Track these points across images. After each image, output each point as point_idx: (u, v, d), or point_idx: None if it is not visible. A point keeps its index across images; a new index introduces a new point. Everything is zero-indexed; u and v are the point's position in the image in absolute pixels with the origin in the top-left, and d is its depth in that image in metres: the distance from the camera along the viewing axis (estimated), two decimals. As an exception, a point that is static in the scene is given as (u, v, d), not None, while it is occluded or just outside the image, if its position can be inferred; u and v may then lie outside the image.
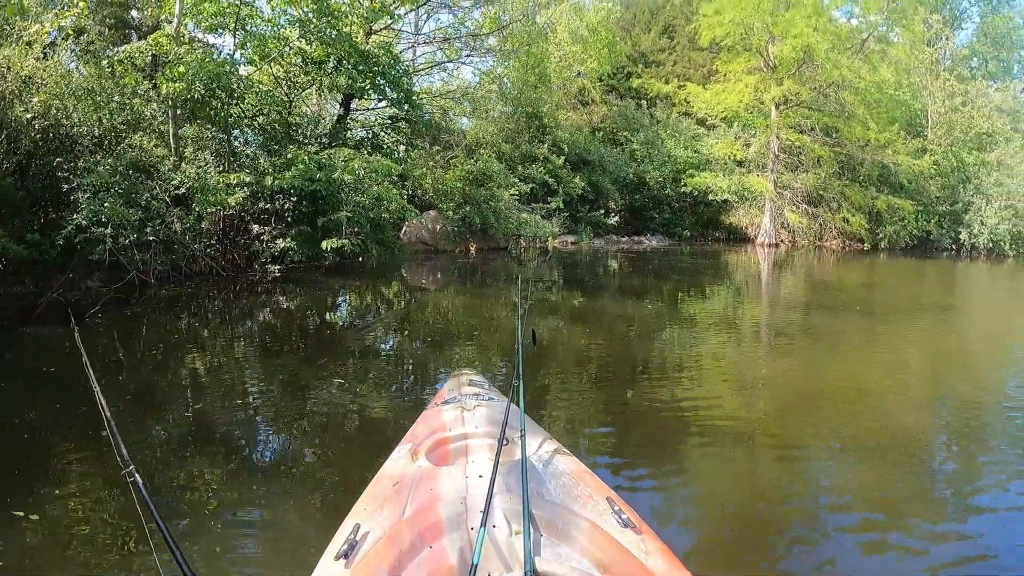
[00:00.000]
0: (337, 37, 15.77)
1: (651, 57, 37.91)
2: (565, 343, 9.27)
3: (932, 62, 41.98)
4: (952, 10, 54.69)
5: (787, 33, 29.33)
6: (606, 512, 2.51)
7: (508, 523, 2.36)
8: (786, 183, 32.22)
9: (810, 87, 31.34)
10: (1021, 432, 5.86)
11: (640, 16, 39.16)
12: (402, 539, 2.32)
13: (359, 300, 12.77)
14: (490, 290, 14.51)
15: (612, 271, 19.36)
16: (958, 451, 5.46)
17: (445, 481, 2.72)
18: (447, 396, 4.02)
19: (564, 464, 2.96)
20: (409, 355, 8.36)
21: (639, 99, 34.50)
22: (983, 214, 35.99)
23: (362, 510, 2.65)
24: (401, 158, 19.34)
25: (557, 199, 25.02)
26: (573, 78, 32.34)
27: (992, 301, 18.49)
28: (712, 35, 30.99)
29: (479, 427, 3.38)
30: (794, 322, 11.65)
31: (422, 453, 3.14)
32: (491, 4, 23.85)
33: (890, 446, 5.36)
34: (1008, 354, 10.15)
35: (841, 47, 30.09)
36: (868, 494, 4.50)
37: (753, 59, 32.24)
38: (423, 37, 26.19)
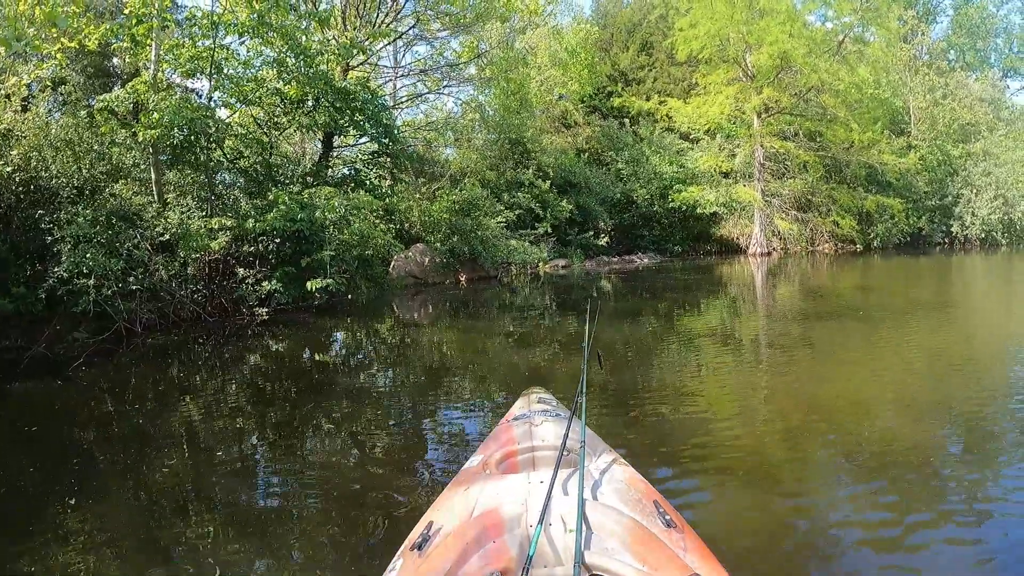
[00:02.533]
0: (314, 75, 15.74)
1: (631, 75, 38.26)
2: (566, 368, 9.18)
3: (910, 58, 42.38)
4: (926, 4, 55.22)
5: (763, 41, 29.63)
6: (652, 514, 2.77)
7: (563, 522, 2.60)
8: (774, 191, 32.43)
9: (790, 93, 31.64)
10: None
11: (618, 35, 39.54)
12: (468, 534, 2.60)
13: (350, 339, 12.62)
14: (483, 321, 14.40)
15: (606, 292, 19.26)
16: (968, 457, 5.39)
17: (510, 486, 2.96)
18: (517, 412, 4.29)
19: (618, 471, 3.19)
20: (404, 394, 8.22)
21: (621, 118, 34.83)
22: (973, 205, 36.48)
23: (436, 510, 3.01)
24: (385, 193, 19.34)
25: (545, 224, 25.05)
26: (555, 101, 32.54)
27: (991, 293, 18.63)
28: (689, 49, 31.33)
29: (545, 440, 3.67)
30: (791, 334, 11.56)
31: (492, 463, 3.45)
32: (468, 33, 23.96)
33: (898, 457, 5.32)
34: (1012, 349, 10.11)
35: (818, 51, 30.34)
36: (879, 507, 4.49)
37: (731, 70, 32.55)
38: (402, 70, 26.31)
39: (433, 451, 6.06)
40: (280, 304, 13.88)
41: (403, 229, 20.35)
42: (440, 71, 24.20)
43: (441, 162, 25.13)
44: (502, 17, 23.12)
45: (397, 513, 4.62)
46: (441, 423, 6.89)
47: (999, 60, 61.07)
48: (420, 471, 5.51)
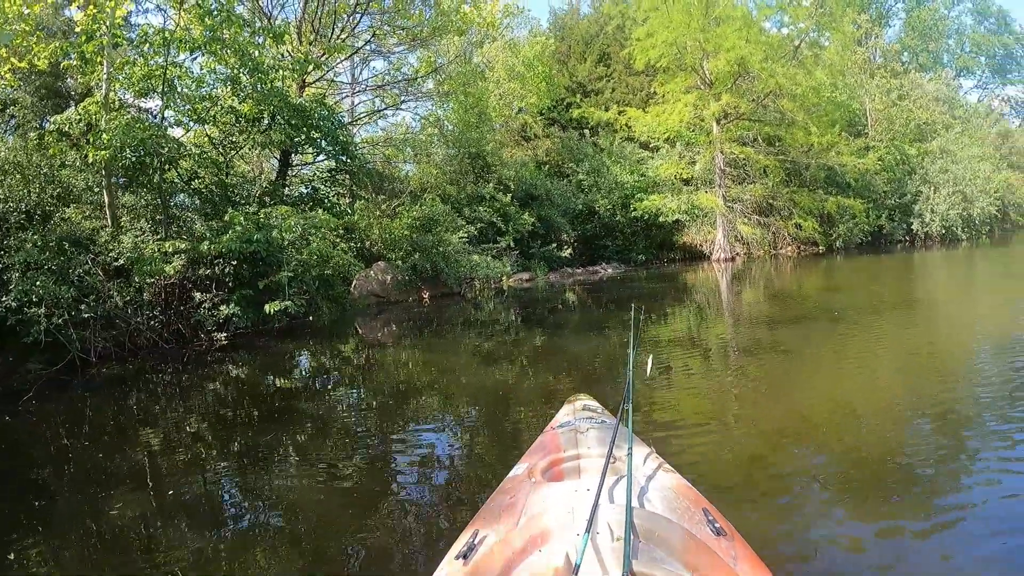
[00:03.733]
0: (268, 92, 15.55)
1: (589, 86, 38.46)
2: (531, 384, 9.15)
3: (865, 61, 43.36)
4: (878, 8, 56.64)
5: (720, 48, 29.96)
6: (701, 522, 2.77)
7: (610, 530, 2.55)
8: (735, 196, 32.75)
9: (748, 99, 32.03)
10: (999, 426, 6.03)
11: (575, 47, 39.74)
12: (514, 543, 2.61)
13: (313, 362, 12.42)
14: (448, 339, 14.27)
15: (571, 304, 19.29)
16: (942, 453, 5.54)
17: (556, 494, 2.97)
18: (562, 420, 4.34)
19: (666, 479, 3.23)
20: (371, 417, 8.08)
21: (581, 129, 35.01)
22: (933, 202, 37.37)
23: (481, 519, 3.01)
24: (344, 211, 19.18)
25: (507, 237, 24.96)
26: (514, 115, 32.52)
27: (956, 289, 19.09)
28: (647, 58, 31.58)
29: (591, 447, 3.68)
30: (760, 339, 11.61)
31: (538, 471, 3.45)
32: (425, 48, 23.90)
33: (876, 462, 5.42)
34: (978, 344, 10.36)
35: (775, 56, 30.75)
36: (861, 515, 4.51)
37: (689, 78, 32.82)
38: (360, 86, 26.16)
39: (404, 475, 5.97)
40: (239, 328, 13.65)
41: (364, 247, 20.17)
42: (398, 86, 24.07)
43: (401, 178, 24.96)
44: (459, 31, 23.05)
45: (370, 543, 4.55)
46: (412, 446, 6.80)
47: (952, 60, 63.19)
48: (391, 497, 5.41)
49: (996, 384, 7.44)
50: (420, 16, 21.93)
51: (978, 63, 66.21)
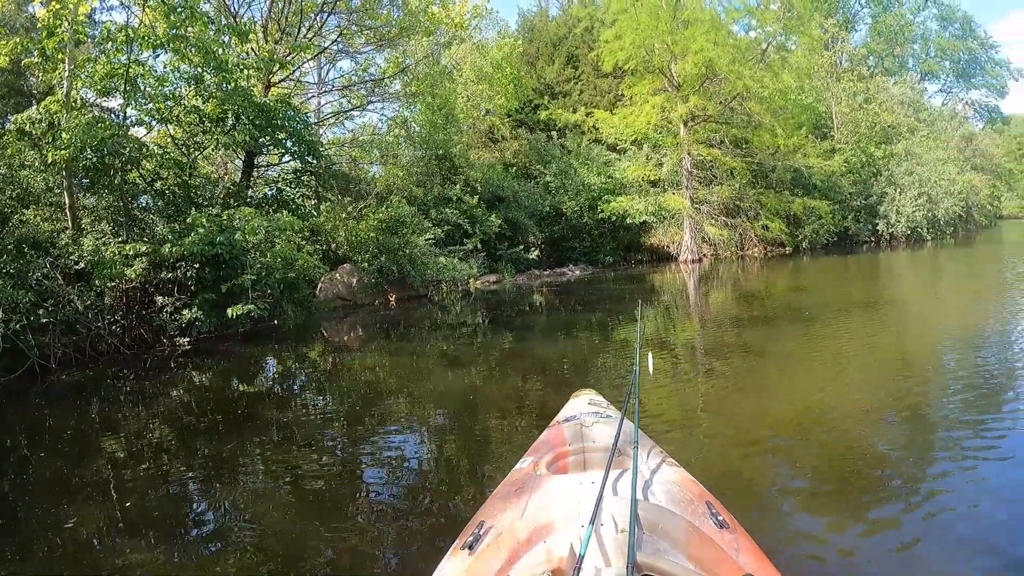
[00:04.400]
0: (233, 91, 15.40)
1: (557, 88, 38.54)
2: (500, 388, 9.18)
3: (831, 65, 43.88)
4: (845, 13, 57.70)
5: (688, 50, 30.18)
6: (704, 515, 2.82)
7: (615, 522, 2.60)
8: (702, 198, 32.96)
9: (716, 101, 32.23)
10: (965, 422, 6.28)
11: (543, 49, 39.78)
12: (519, 534, 2.66)
13: (278, 366, 12.31)
14: (415, 342, 14.26)
15: (538, 306, 19.34)
16: (912, 449, 5.77)
17: (561, 487, 3.03)
18: (568, 414, 4.38)
19: (671, 472, 3.27)
20: (337, 422, 8.02)
21: (549, 131, 35.07)
22: (898, 204, 38.05)
23: (487, 510, 3.06)
24: (309, 212, 19.06)
25: (474, 239, 24.95)
26: (482, 116, 32.48)
27: (920, 288, 19.53)
28: (615, 60, 31.71)
29: (596, 441, 3.78)
30: (729, 340, 11.79)
31: (543, 464, 3.52)
32: (393, 48, 23.80)
33: (846, 457, 5.58)
34: (944, 342, 10.76)
35: (742, 59, 31.00)
36: (832, 509, 4.58)
37: (657, 80, 33.01)
38: (326, 86, 25.99)
39: (373, 479, 5.99)
40: (202, 333, 13.51)
41: (330, 250, 20.04)
42: (364, 87, 23.94)
43: (367, 180, 24.82)
44: (427, 31, 23.01)
45: (337, 549, 4.52)
46: (381, 448, 6.84)
47: (917, 64, 64.71)
48: (361, 501, 5.40)
49: (963, 380, 7.75)
50: (388, 16, 21.84)
51: (943, 67, 68.19)
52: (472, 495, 5.16)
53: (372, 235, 19.66)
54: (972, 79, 70.62)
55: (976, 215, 49.16)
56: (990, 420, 6.24)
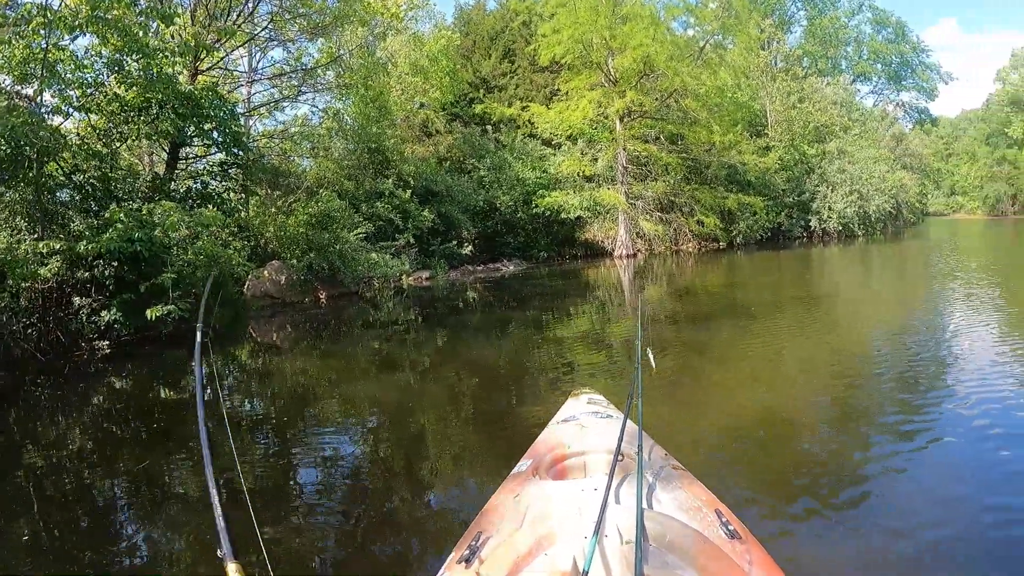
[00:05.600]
0: (156, 78, 14.86)
1: (493, 82, 38.47)
2: (433, 388, 9.02)
3: (767, 65, 44.83)
4: (781, 15, 59.20)
5: (626, 45, 30.43)
6: (714, 524, 2.70)
7: (620, 533, 2.48)
8: (637, 193, 33.25)
9: (653, 97, 32.43)
10: (896, 411, 6.74)
11: (480, 42, 39.65)
12: (519, 546, 2.52)
13: (205, 369, 11.89)
14: (345, 341, 14.07)
15: (473, 303, 19.25)
16: (849, 440, 6.09)
17: (561, 494, 2.89)
18: (566, 414, 4.27)
19: (677, 478, 3.16)
20: (267, 426, 7.83)
21: (483, 125, 35.05)
22: (830, 200, 39.02)
23: (484, 519, 2.94)
24: (234, 207, 18.60)
25: (406, 234, 24.72)
26: (416, 110, 32.21)
27: (852, 283, 20.26)
28: (552, 54, 31.85)
29: (597, 443, 3.60)
30: (665, 337, 11.81)
31: (542, 469, 3.40)
32: (327, 37, 23.35)
33: (782, 450, 5.89)
34: (875, 335, 11.29)
35: (680, 56, 31.34)
36: (769, 503, 4.76)
37: (594, 75, 33.15)
38: (257, 75, 25.40)
39: (304, 481, 5.91)
40: (123, 336, 13.02)
41: (258, 246, 19.62)
42: (296, 77, 23.48)
43: (297, 173, 24.35)
44: (362, 20, 22.63)
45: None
46: (313, 448, 6.79)
47: (850, 66, 67.32)
48: (291, 509, 5.26)
49: (894, 373, 8.32)
50: (323, 5, 21.38)
51: (875, 70, 71.19)
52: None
53: (301, 231, 19.28)
54: (903, 82, 73.79)
55: (905, 212, 50.56)
56: (918, 410, 6.63)
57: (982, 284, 16.74)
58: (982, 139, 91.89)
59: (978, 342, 9.74)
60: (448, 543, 2.84)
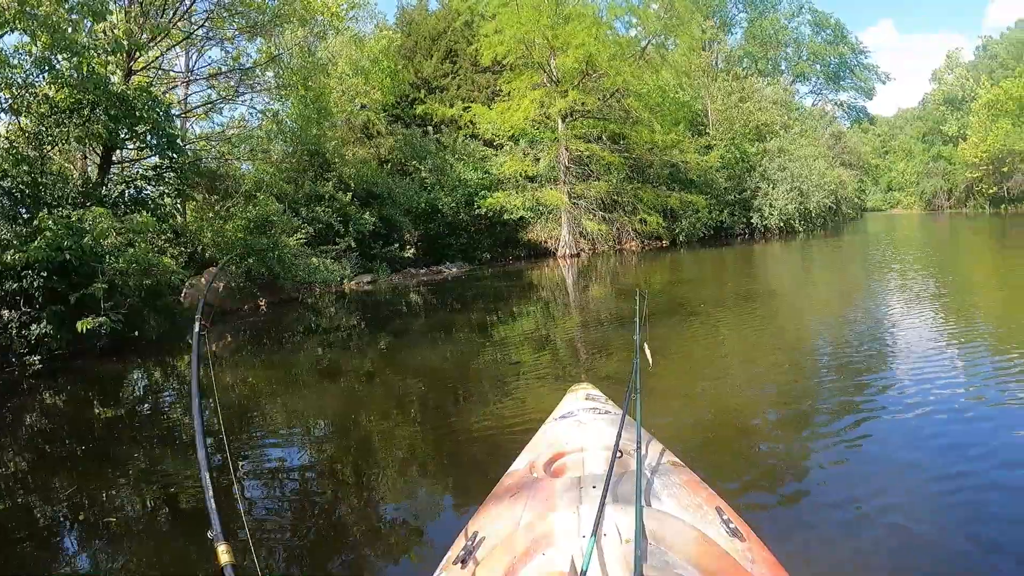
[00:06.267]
0: (88, 78, 14.44)
1: (435, 83, 38.39)
2: (376, 393, 8.90)
3: (708, 65, 45.72)
4: (723, 16, 60.59)
5: (569, 44, 30.61)
6: (715, 521, 2.67)
7: (618, 532, 2.43)
8: (580, 193, 33.49)
9: (595, 97, 32.59)
10: (838, 402, 7.16)
11: (422, 43, 39.49)
12: (516, 546, 2.48)
13: (142, 383, 11.68)
14: (287, 349, 13.84)
15: (417, 307, 19.17)
16: (793, 432, 6.40)
17: (559, 492, 2.87)
18: (565, 410, 4.24)
19: (677, 475, 3.13)
20: (209, 440, 7.60)
21: (425, 126, 34.94)
22: (771, 198, 39.86)
23: (480, 519, 2.90)
24: (169, 212, 18.21)
25: (347, 238, 24.48)
26: (357, 111, 31.91)
27: (793, 278, 20.85)
28: (494, 54, 31.93)
29: (595, 440, 3.57)
30: (609, 336, 11.81)
31: (539, 466, 3.37)
32: (266, 37, 22.93)
33: (729, 444, 6.11)
34: (816, 328, 11.82)
35: (622, 55, 31.59)
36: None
37: (536, 75, 33.34)
38: (194, 75, 24.84)
39: (253, 496, 5.76)
40: (55, 350, 12.56)
41: (196, 252, 19.24)
42: (235, 77, 23.04)
43: (235, 177, 23.94)
44: (301, 20, 22.27)
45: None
46: (259, 458, 6.72)
47: (789, 67, 69.29)
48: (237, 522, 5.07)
49: (834, 362, 8.92)
50: (264, 4, 20.97)
51: (814, 70, 73.89)
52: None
53: (240, 235, 18.90)
54: (842, 81, 76.46)
55: (844, 208, 52.11)
56: (857, 400, 7.05)
57: (919, 274, 17.95)
58: (918, 137, 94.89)
59: (920, 329, 10.67)
60: (404, 544, 2.99)
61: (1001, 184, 70.54)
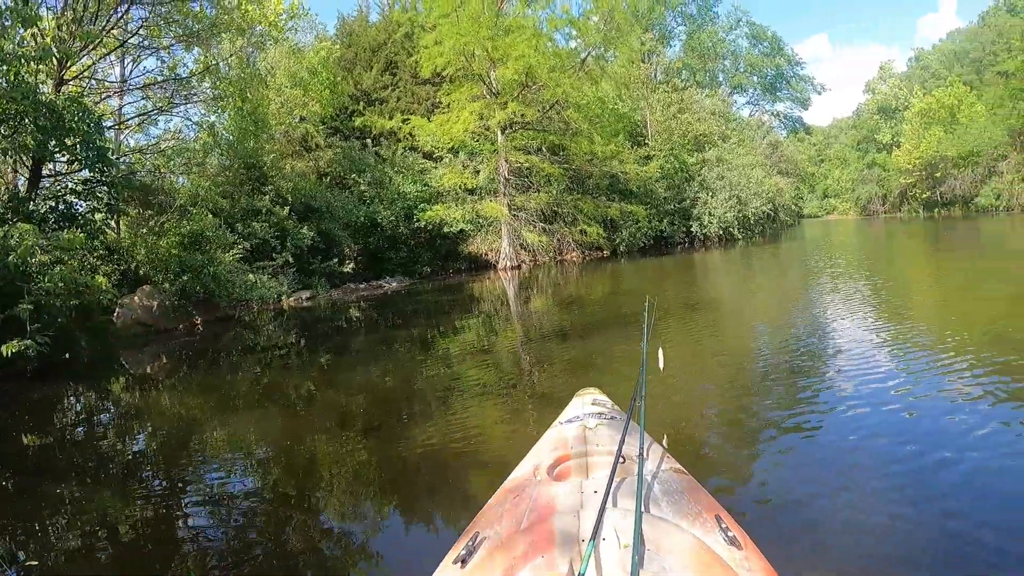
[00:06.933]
0: (15, 87, 14.00)
1: (374, 95, 38.21)
2: (316, 412, 8.79)
3: (647, 76, 46.41)
4: (662, 29, 62.00)
5: (509, 56, 30.66)
6: (713, 529, 2.71)
7: (617, 537, 2.49)
8: (520, 204, 33.65)
9: (535, 108, 32.81)
10: (783, 407, 7.37)
11: (362, 54, 39.29)
12: (516, 548, 2.52)
13: (73, 408, 11.29)
14: (223, 369, 13.50)
15: (356, 322, 19.01)
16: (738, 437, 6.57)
17: (561, 495, 2.97)
18: (571, 414, 4.29)
19: (678, 482, 3.18)
20: (146, 464, 7.42)
21: (364, 138, 34.80)
22: (710, 206, 40.69)
23: (482, 520, 2.96)
24: (99, 228, 17.79)
25: (285, 253, 24.19)
26: (295, 124, 31.63)
27: (733, 285, 21.33)
28: (434, 65, 32.03)
29: (599, 445, 3.65)
30: (550, 350, 11.79)
31: (543, 469, 3.43)
32: (204, 46, 22.54)
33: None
34: (759, 335, 11.94)
35: (562, 67, 31.86)
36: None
37: (476, 87, 33.42)
38: (129, 85, 24.30)
39: (185, 524, 5.63)
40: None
41: (129, 269, 18.83)
42: (170, 88, 22.61)
43: (169, 191, 23.48)
44: (239, 29, 21.99)
45: None
46: (200, 484, 6.61)
47: (727, 79, 71.42)
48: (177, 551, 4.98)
49: (773, 366, 9.20)
50: (202, 13, 20.61)
51: (751, 81, 76.37)
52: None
53: (174, 252, 18.57)
54: (778, 92, 79.03)
55: (782, 215, 53.35)
56: (802, 404, 7.27)
57: (854, 278, 18.71)
58: (853, 145, 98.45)
59: (857, 329, 11.17)
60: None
61: (934, 189, 73.53)
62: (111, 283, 15.69)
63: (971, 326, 10.53)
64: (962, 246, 29.74)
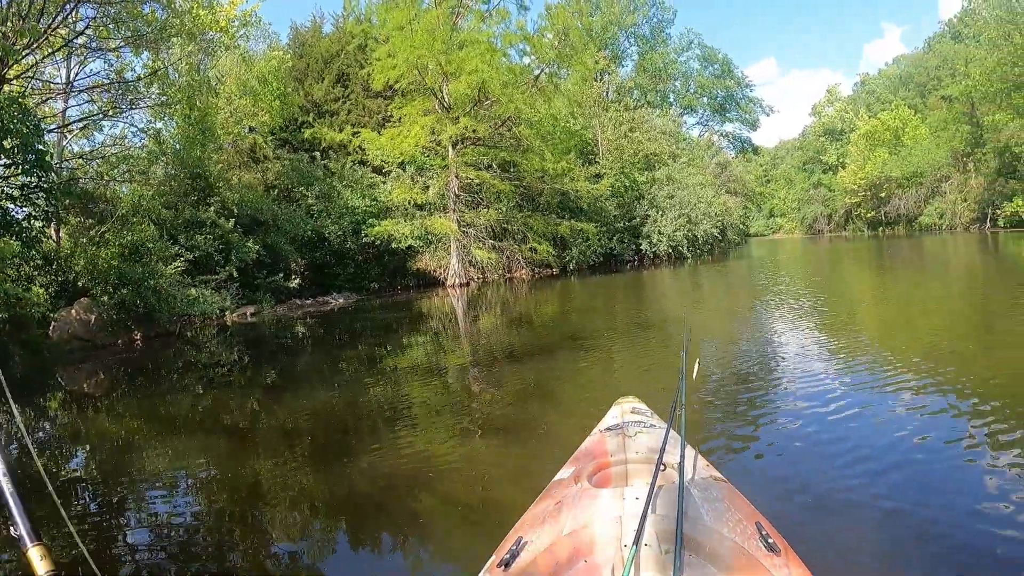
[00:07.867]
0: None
1: (325, 107, 38.03)
2: (259, 433, 8.58)
3: (599, 96, 46.98)
4: (615, 49, 63.32)
5: (462, 70, 30.64)
6: (753, 536, 2.72)
7: (659, 543, 2.58)
8: (470, 221, 33.71)
9: (487, 124, 32.81)
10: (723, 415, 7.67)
11: (313, 65, 39.04)
12: (559, 552, 2.61)
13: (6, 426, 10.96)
14: (163, 388, 13.14)
15: (302, 339, 18.73)
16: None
17: (603, 502, 2.96)
18: (610, 422, 4.34)
19: (718, 489, 3.19)
20: (82, 487, 7.15)
21: (312, 151, 34.59)
22: (660, 225, 41.12)
23: (525, 525, 3.01)
24: (35, 237, 17.24)
25: (229, 267, 23.75)
26: (244, 134, 31.19)
27: (685, 303, 21.55)
28: (386, 78, 31.97)
29: (639, 452, 3.71)
30: (500, 372, 11.70)
31: (584, 476, 3.43)
32: (153, 52, 22.06)
33: None
34: (712, 352, 11.64)
35: (515, 83, 31.97)
36: None
37: (428, 101, 33.37)
38: (74, 88, 23.72)
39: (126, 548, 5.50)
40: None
41: (67, 281, 18.29)
42: (116, 92, 22.09)
43: (112, 199, 22.91)
44: (190, 34, 21.55)
45: None
46: (144, 504, 6.46)
47: (678, 99, 73.23)
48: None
49: (717, 383, 9.32)
50: (152, 15, 20.15)
51: (701, 103, 78.88)
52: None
53: (114, 263, 18.06)
54: (728, 113, 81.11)
55: (730, 234, 54.57)
56: (757, 418, 7.47)
57: (800, 295, 19.33)
58: (799, 166, 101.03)
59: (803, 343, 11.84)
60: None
61: (879, 209, 75.83)
62: (48, 295, 15.26)
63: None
64: (904, 265, 30.44)
